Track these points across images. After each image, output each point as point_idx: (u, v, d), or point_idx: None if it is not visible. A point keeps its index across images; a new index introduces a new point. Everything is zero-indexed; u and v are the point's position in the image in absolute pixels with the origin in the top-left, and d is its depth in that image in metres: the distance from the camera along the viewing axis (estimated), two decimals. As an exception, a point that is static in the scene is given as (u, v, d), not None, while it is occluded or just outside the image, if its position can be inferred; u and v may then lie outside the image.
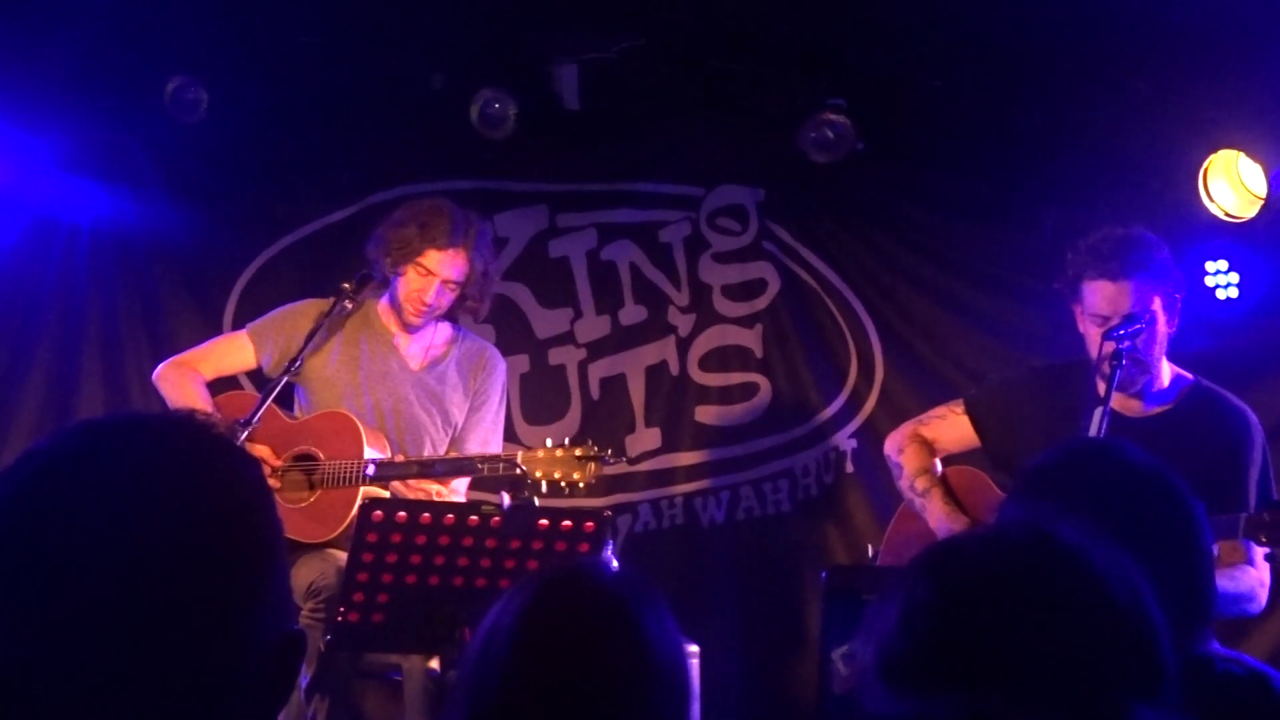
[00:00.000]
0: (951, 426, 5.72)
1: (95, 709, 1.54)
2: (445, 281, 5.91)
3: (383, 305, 6.07)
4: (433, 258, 5.89)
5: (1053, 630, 1.80)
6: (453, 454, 5.97)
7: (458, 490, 5.97)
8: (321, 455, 5.75)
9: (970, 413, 5.68)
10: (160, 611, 1.54)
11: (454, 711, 2.59)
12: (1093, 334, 5.23)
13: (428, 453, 5.93)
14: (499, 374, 6.20)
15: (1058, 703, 1.75)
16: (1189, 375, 5.42)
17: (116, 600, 1.53)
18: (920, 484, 5.62)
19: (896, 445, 5.78)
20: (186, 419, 1.68)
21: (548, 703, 2.48)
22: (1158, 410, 5.36)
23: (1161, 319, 5.22)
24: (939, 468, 5.66)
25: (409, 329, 6.03)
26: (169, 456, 1.62)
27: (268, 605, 1.62)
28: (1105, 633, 1.81)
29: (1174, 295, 5.25)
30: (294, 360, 5.79)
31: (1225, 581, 5.01)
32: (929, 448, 5.71)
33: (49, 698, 1.54)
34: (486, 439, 6.07)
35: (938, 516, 5.50)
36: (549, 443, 5.54)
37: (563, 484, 5.48)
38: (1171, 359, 5.41)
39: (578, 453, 5.52)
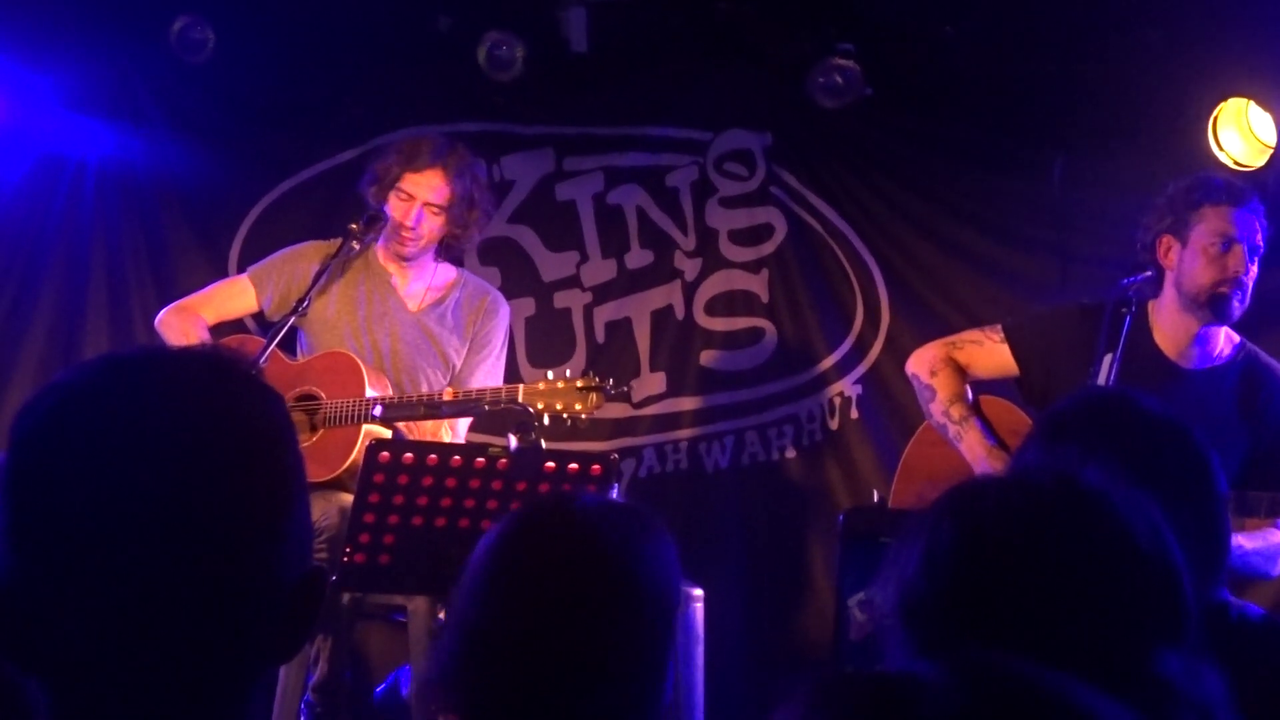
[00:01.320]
0: (988, 353, 5.63)
1: (114, 644, 1.54)
2: (426, 205, 5.90)
3: (381, 246, 6.06)
4: (410, 180, 5.90)
5: (1077, 573, 1.80)
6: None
7: (458, 431, 5.97)
8: (323, 395, 5.75)
9: (1011, 340, 5.59)
10: (182, 545, 1.54)
11: (445, 645, 2.60)
12: (1212, 255, 5.23)
13: (450, 390, 5.92)
14: (501, 318, 6.18)
15: (1082, 645, 1.75)
16: (1237, 336, 5.45)
17: (137, 533, 1.53)
18: (956, 411, 5.52)
19: (927, 366, 5.67)
20: (211, 353, 1.68)
21: (531, 630, 2.50)
22: (1209, 366, 5.38)
23: (1258, 260, 5.30)
24: (970, 395, 5.61)
25: (404, 260, 6.02)
26: (192, 389, 1.61)
27: (289, 541, 1.62)
28: (1129, 576, 1.81)
29: (1266, 240, 5.33)
30: (302, 300, 5.78)
31: (1255, 540, 5.06)
32: (962, 373, 5.63)
33: (67, 633, 1.54)
34: (486, 383, 6.05)
35: (977, 452, 5.43)
36: (550, 375, 5.52)
37: (565, 415, 5.45)
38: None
39: (579, 384, 5.49)
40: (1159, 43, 6.56)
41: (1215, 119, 6.39)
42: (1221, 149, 6.37)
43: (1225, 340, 5.44)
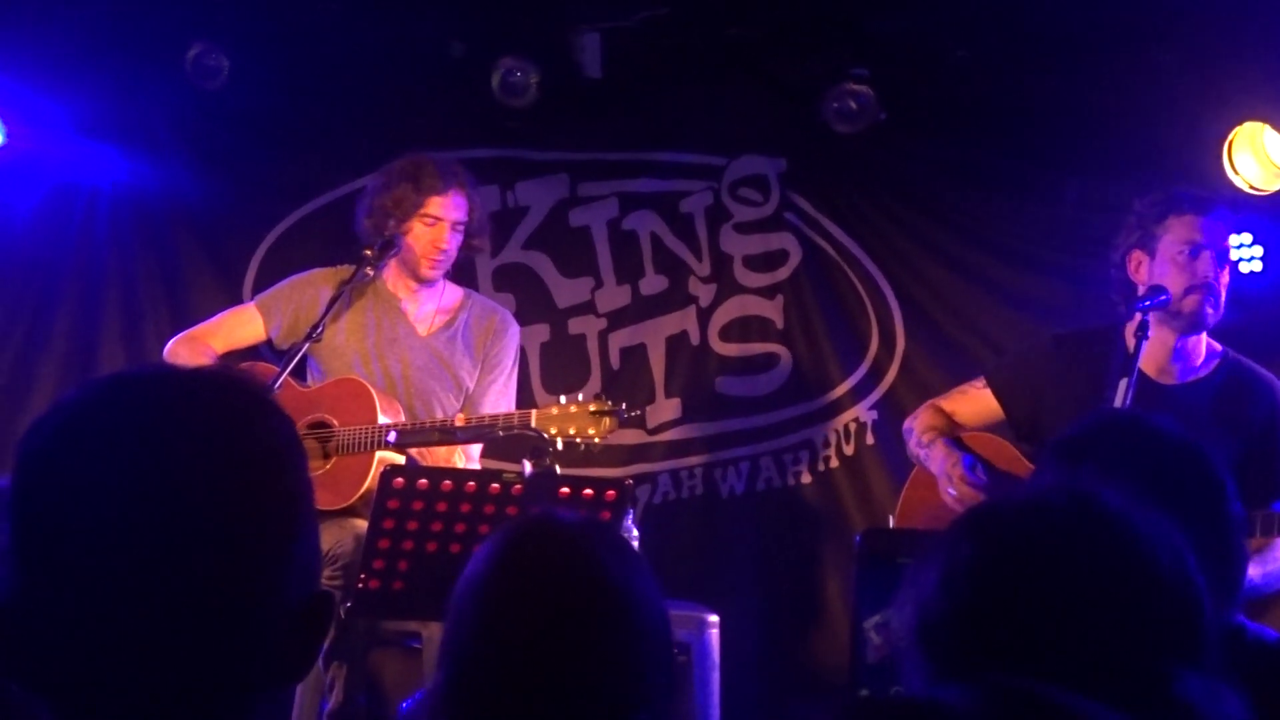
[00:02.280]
0: (972, 400, 5.70)
1: (118, 663, 1.53)
2: (454, 224, 5.94)
3: (388, 272, 6.05)
4: (436, 204, 5.92)
5: (1097, 593, 1.78)
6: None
7: (472, 456, 5.97)
8: (336, 422, 5.74)
9: (992, 384, 5.66)
10: (187, 566, 1.53)
11: (438, 668, 2.60)
12: (1180, 263, 5.25)
13: (438, 418, 5.93)
14: (511, 337, 6.18)
15: (1102, 666, 1.74)
16: (1218, 346, 5.45)
17: (142, 553, 1.52)
18: (926, 438, 5.60)
19: (913, 417, 5.79)
20: (219, 373, 1.66)
21: (521, 650, 2.50)
22: (1192, 379, 5.38)
23: (1228, 267, 5.32)
24: (947, 430, 5.65)
25: (427, 284, 6.03)
26: (200, 409, 1.61)
27: (296, 563, 1.61)
28: (1149, 596, 1.79)
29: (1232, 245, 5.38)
30: (316, 326, 5.78)
31: (1263, 567, 5.05)
32: (945, 416, 5.70)
33: (72, 652, 1.53)
34: (498, 404, 6.06)
35: (939, 460, 5.48)
36: (563, 399, 5.50)
37: (578, 440, 5.44)
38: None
39: (592, 408, 5.47)
40: (1173, 66, 6.55)
41: (1230, 143, 6.38)
42: (1236, 173, 6.36)
43: (1206, 351, 5.44)
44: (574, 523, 2.67)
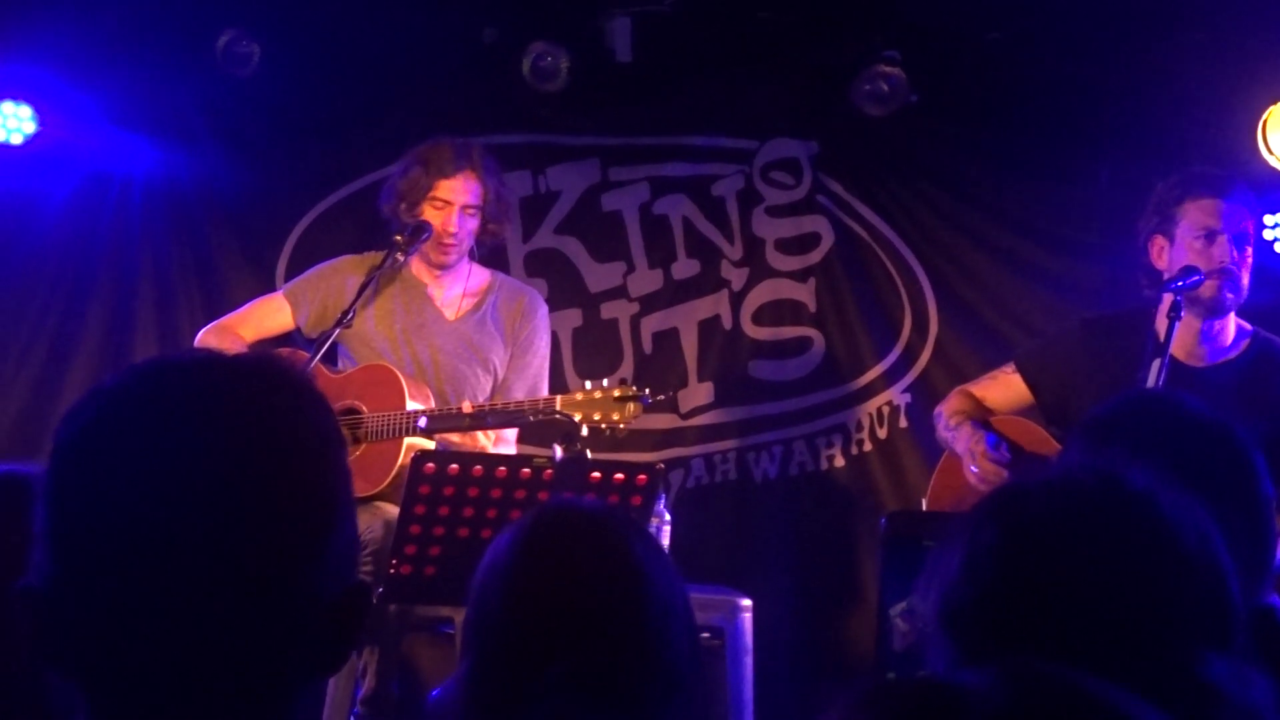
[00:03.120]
0: (1003, 386, 5.69)
1: (151, 652, 1.52)
2: (464, 208, 5.91)
3: (414, 258, 6.05)
4: (444, 187, 5.90)
5: (1122, 575, 1.76)
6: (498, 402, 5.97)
7: (506, 439, 5.96)
8: (365, 409, 5.74)
9: (1022, 369, 5.64)
10: (224, 555, 1.52)
11: (462, 657, 2.60)
12: (1197, 248, 5.23)
13: (469, 402, 5.93)
14: (540, 318, 6.17)
15: (1127, 649, 1.72)
16: (1248, 326, 5.43)
17: (178, 541, 1.51)
18: (953, 421, 5.59)
19: (943, 402, 5.80)
20: (263, 360, 1.65)
21: (546, 626, 2.50)
22: (1221, 360, 5.36)
23: (1249, 248, 5.29)
24: (975, 414, 5.63)
25: (443, 269, 6.02)
26: (242, 396, 1.59)
27: (334, 554, 1.59)
28: (1176, 578, 1.77)
29: (1257, 227, 5.32)
30: (347, 313, 5.77)
31: None
32: (974, 401, 5.68)
33: (104, 640, 1.52)
34: (535, 385, 6.05)
35: (964, 439, 5.47)
36: (587, 385, 5.49)
37: (603, 425, 5.41)
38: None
39: (616, 393, 5.44)
40: (1207, 46, 6.52)
41: (1265, 122, 6.35)
42: (1271, 153, 6.33)
43: (1235, 331, 5.42)
44: (593, 509, 2.66)
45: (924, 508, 5.81)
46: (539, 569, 2.55)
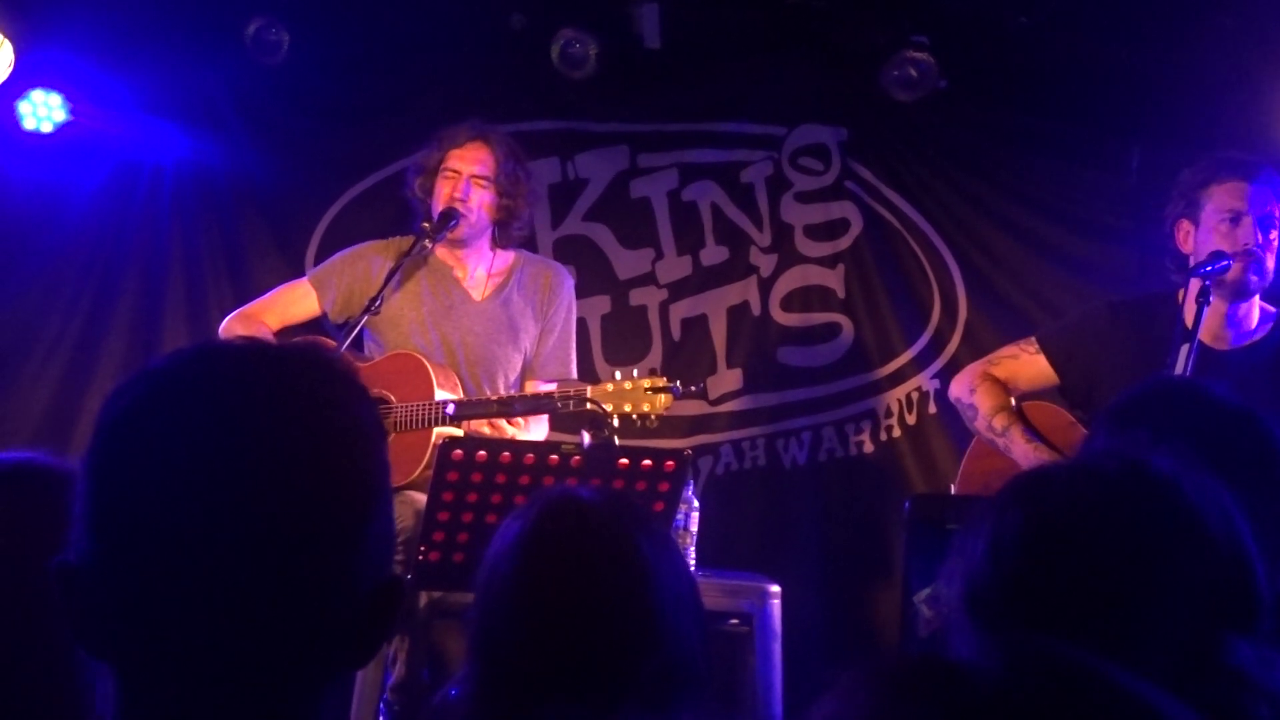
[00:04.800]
0: (1025, 365, 5.66)
1: (184, 635, 1.53)
2: (473, 177, 5.92)
3: (441, 244, 6.04)
4: (454, 156, 5.94)
5: (1146, 559, 1.76)
6: (529, 385, 5.97)
7: (536, 425, 5.96)
8: (393, 399, 5.73)
9: (1046, 349, 5.62)
10: (261, 542, 1.52)
11: (467, 659, 2.59)
12: (1223, 231, 5.23)
13: (500, 383, 5.93)
14: (566, 292, 6.16)
15: (1152, 633, 1.72)
16: (1271, 308, 5.42)
17: (216, 526, 1.51)
18: (999, 422, 5.56)
19: (966, 386, 5.73)
20: (309, 350, 1.65)
21: (551, 625, 2.49)
22: (1247, 343, 5.35)
23: (1275, 232, 5.27)
24: (1013, 405, 5.62)
25: (458, 244, 6.01)
26: (286, 385, 1.60)
27: (370, 545, 1.59)
28: (1200, 562, 1.77)
29: None
30: (375, 299, 5.76)
31: None
32: (1002, 386, 5.65)
33: (138, 621, 1.53)
34: (564, 360, 6.06)
35: (1025, 455, 5.44)
36: (618, 375, 5.48)
37: (634, 416, 5.41)
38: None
39: (647, 384, 5.44)
40: (1236, 30, 6.48)
41: (1294, 106, 6.32)
42: (1300, 137, 6.30)
43: (1260, 314, 5.41)
44: (596, 501, 2.64)
45: (953, 492, 5.79)
46: (543, 570, 2.53)
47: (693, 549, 5.66)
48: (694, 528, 5.66)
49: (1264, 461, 2.63)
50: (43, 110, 6.87)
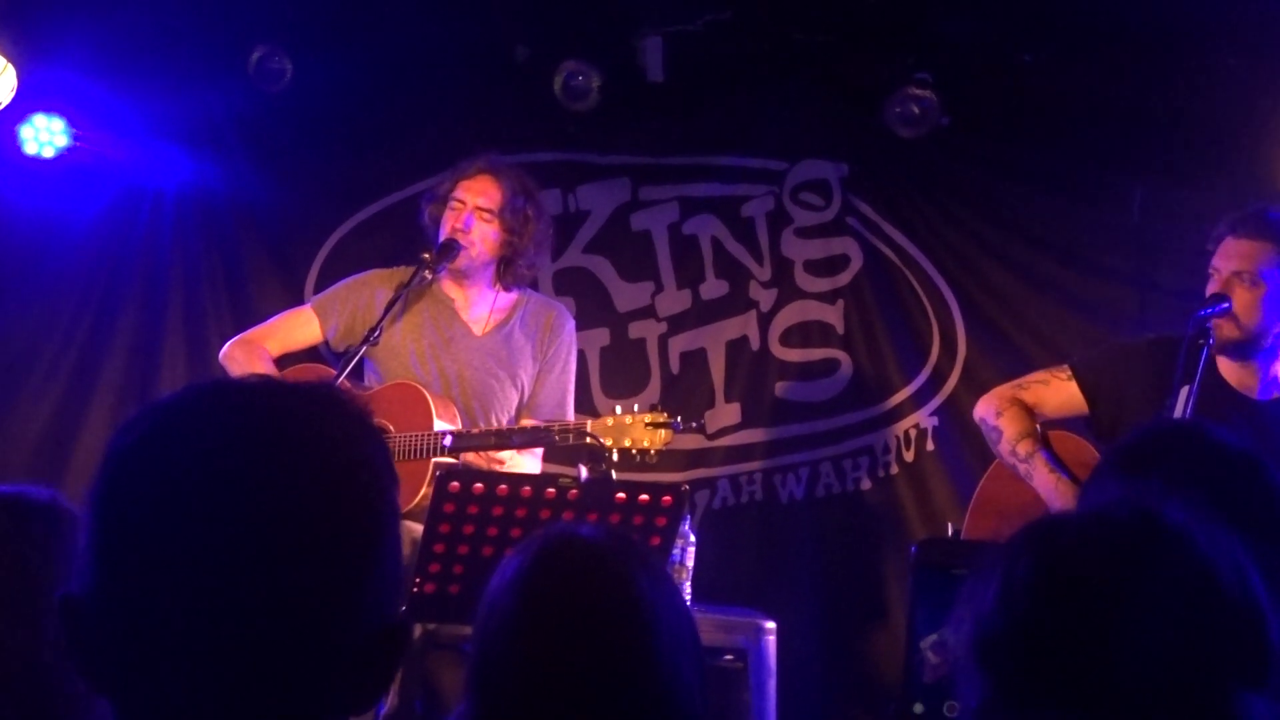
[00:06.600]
0: (1055, 391, 5.61)
1: (185, 671, 1.52)
2: (477, 209, 5.90)
3: (444, 277, 6.04)
4: (462, 187, 5.94)
5: (1157, 611, 1.75)
6: (525, 421, 5.95)
7: (534, 454, 5.94)
8: (392, 428, 5.72)
9: (1079, 377, 5.57)
10: (265, 581, 1.51)
11: (468, 679, 2.59)
12: (1212, 285, 5.30)
13: (496, 418, 5.91)
14: (568, 333, 6.15)
15: (1162, 686, 1.71)
16: None
17: (221, 563, 1.50)
18: (1023, 448, 5.51)
19: (993, 409, 5.65)
20: (321, 389, 1.64)
21: (551, 664, 2.48)
22: (1276, 395, 5.36)
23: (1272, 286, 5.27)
24: (1038, 431, 5.58)
25: (461, 276, 6.00)
26: (296, 425, 1.59)
27: (375, 587, 1.58)
28: (1211, 616, 1.76)
29: None
30: (374, 329, 5.75)
31: None
32: (1029, 412, 5.60)
33: (139, 656, 1.52)
34: (562, 400, 6.05)
35: (1046, 486, 5.41)
36: (618, 410, 5.47)
37: (634, 451, 5.41)
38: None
39: (647, 419, 5.44)
40: (1240, 70, 6.49)
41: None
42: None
43: None
44: (595, 540, 2.63)
45: (965, 520, 5.75)
46: (542, 607, 2.52)
47: (688, 584, 5.64)
48: (690, 562, 5.65)
49: (1271, 509, 2.62)
50: (45, 135, 6.87)
